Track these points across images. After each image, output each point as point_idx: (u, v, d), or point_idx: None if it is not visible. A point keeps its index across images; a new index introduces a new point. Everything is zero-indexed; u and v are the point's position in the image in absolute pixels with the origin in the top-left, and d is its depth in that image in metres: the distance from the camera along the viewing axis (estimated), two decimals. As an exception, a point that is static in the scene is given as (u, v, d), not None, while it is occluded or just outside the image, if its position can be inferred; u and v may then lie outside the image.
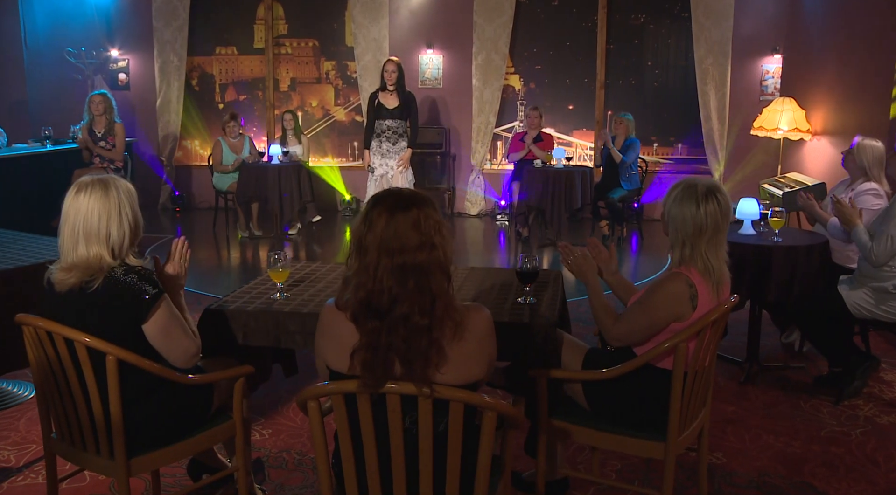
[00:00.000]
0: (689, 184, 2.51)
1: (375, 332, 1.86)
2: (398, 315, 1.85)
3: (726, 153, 9.04)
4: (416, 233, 1.85)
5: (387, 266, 1.85)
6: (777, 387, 4.15)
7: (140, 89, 10.02)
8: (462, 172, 9.79)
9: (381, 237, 1.85)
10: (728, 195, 2.54)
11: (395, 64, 6.91)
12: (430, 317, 1.86)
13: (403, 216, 1.86)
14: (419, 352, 1.85)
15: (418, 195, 1.93)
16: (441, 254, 1.88)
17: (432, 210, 1.91)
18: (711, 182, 2.53)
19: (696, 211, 2.45)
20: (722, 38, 8.78)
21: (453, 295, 1.93)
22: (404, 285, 1.85)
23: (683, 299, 2.46)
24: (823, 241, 4.13)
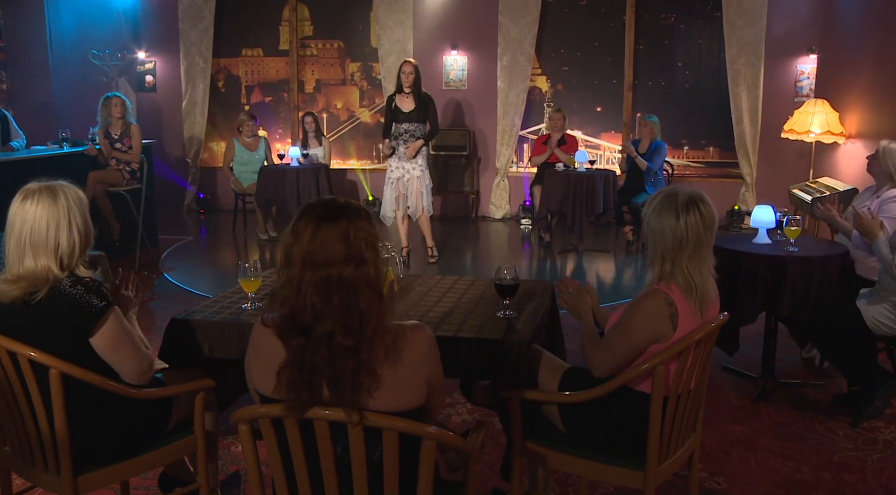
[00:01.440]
0: (668, 194, 2.32)
1: (300, 350, 1.73)
2: (321, 332, 1.72)
3: (758, 156, 8.72)
4: (344, 246, 1.71)
5: (310, 280, 1.71)
6: (792, 406, 3.92)
7: (166, 91, 10.06)
8: (486, 175, 9.63)
9: (306, 249, 1.72)
10: (712, 206, 2.34)
11: (412, 65, 6.76)
12: (358, 337, 1.72)
13: (330, 227, 1.72)
14: (346, 375, 1.71)
15: (351, 206, 1.78)
16: (371, 270, 1.73)
17: (365, 223, 1.77)
18: (694, 192, 2.34)
19: (676, 223, 2.27)
20: (755, 38, 8.48)
21: (387, 314, 1.78)
22: (328, 301, 1.71)
23: (662, 318, 2.28)
24: (843, 252, 3.89)
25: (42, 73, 8.40)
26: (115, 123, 6.71)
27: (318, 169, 7.85)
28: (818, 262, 3.77)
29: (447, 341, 2.48)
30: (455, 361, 2.50)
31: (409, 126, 6.75)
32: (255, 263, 2.88)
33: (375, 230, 1.79)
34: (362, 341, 1.72)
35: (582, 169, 7.47)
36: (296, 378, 1.71)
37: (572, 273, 7.05)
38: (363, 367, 1.72)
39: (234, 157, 8.26)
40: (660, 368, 2.22)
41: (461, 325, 2.60)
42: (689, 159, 9.20)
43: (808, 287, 3.77)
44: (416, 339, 1.80)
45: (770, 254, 3.82)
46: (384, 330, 1.75)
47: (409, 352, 1.78)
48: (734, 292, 3.88)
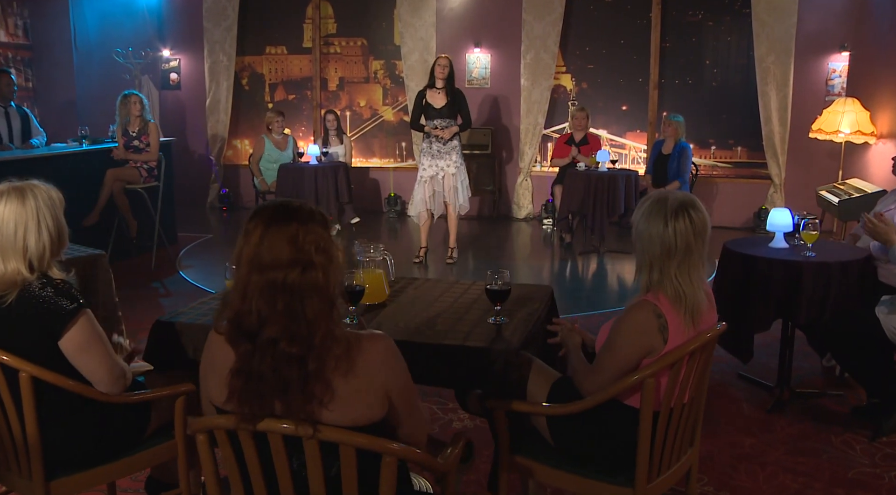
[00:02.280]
0: (658, 199, 2.20)
1: (248, 356, 1.65)
2: (266, 339, 1.64)
3: (787, 157, 8.49)
4: (291, 249, 1.63)
5: (256, 283, 1.63)
6: (808, 418, 3.76)
7: (191, 89, 10.11)
8: (510, 175, 9.51)
9: (253, 251, 1.65)
10: (704, 212, 2.22)
11: (447, 59, 6.63)
12: (305, 345, 1.63)
13: (279, 229, 1.64)
14: (293, 384, 1.63)
15: (304, 209, 1.70)
16: (320, 275, 1.65)
17: (319, 227, 1.68)
18: (685, 197, 2.21)
19: (665, 229, 2.15)
20: (785, 35, 8.24)
21: (338, 322, 1.69)
22: (273, 306, 1.63)
23: (651, 331, 2.16)
24: (863, 257, 3.71)
25: (66, 72, 8.48)
26: (133, 121, 6.73)
27: (337, 167, 7.81)
28: (836, 268, 3.61)
29: (429, 348, 2.40)
30: (439, 369, 2.42)
31: (441, 122, 6.62)
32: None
33: (330, 235, 1.70)
34: (311, 349, 1.63)
35: (603, 168, 7.32)
36: (243, 387, 1.64)
37: (593, 274, 6.91)
38: (312, 377, 1.64)
39: (264, 155, 8.25)
40: (649, 381, 2.10)
41: (447, 332, 2.50)
42: (716, 159, 8.99)
43: (825, 294, 3.61)
44: (373, 349, 1.71)
45: (785, 260, 3.66)
46: (334, 338, 1.66)
47: (365, 362, 1.69)
48: (748, 298, 3.74)
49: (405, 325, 2.59)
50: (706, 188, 8.85)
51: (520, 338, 2.47)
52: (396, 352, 1.76)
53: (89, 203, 6.47)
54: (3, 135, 6.59)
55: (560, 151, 8.08)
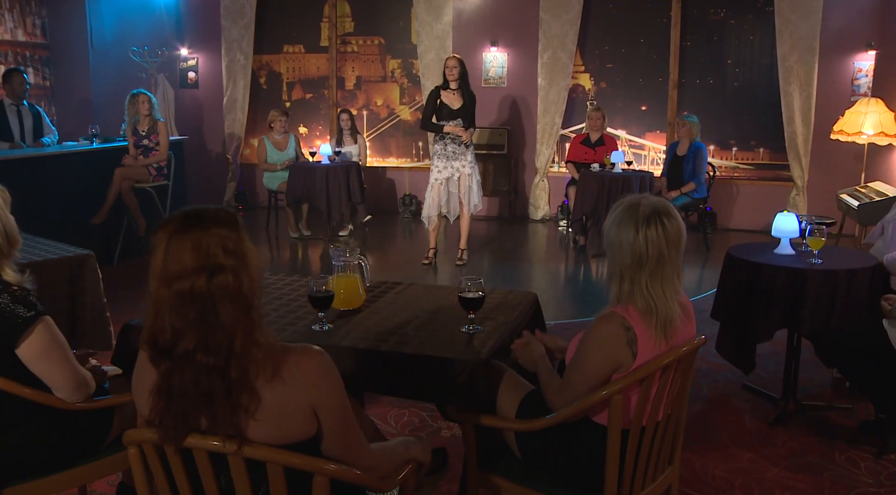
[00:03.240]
0: (630, 204, 2.08)
1: (168, 374, 1.58)
2: (182, 352, 1.56)
3: (811, 159, 8.25)
4: (195, 256, 1.54)
5: (165, 297, 1.55)
6: (812, 432, 3.60)
7: (208, 88, 10.12)
8: (526, 175, 9.38)
9: (160, 265, 1.56)
10: (679, 219, 2.09)
11: (456, 59, 6.51)
12: (224, 354, 1.55)
13: (181, 238, 1.55)
14: (218, 397, 1.55)
15: (208, 213, 1.60)
16: (230, 279, 1.55)
17: (225, 229, 1.58)
18: (658, 203, 2.09)
19: (635, 237, 2.03)
20: (809, 33, 8.01)
21: (260, 326, 1.60)
22: (185, 317, 1.54)
23: (619, 345, 2.04)
24: (872, 265, 3.55)
25: (83, 71, 8.52)
26: (142, 120, 6.73)
27: (349, 167, 7.74)
28: (843, 276, 3.45)
29: (393, 357, 2.31)
30: (402, 380, 2.33)
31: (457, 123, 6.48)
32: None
33: (239, 235, 1.60)
34: (231, 357, 1.55)
35: (618, 170, 7.17)
36: (165, 407, 1.56)
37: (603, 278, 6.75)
38: (235, 385, 1.55)
39: (266, 157, 8.20)
40: (616, 398, 1.99)
41: (414, 340, 2.41)
42: (737, 161, 8.78)
43: (831, 303, 3.45)
44: (303, 364, 1.62)
45: (790, 267, 3.51)
46: (255, 343, 1.57)
47: (294, 376, 1.60)
48: (750, 306, 3.60)
49: (373, 332, 2.50)
50: (726, 190, 8.65)
51: (491, 348, 2.36)
52: (330, 369, 1.66)
53: (98, 201, 6.48)
54: (15, 134, 6.63)
55: (575, 150, 7.93)
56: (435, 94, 6.51)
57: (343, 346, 2.39)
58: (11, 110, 6.64)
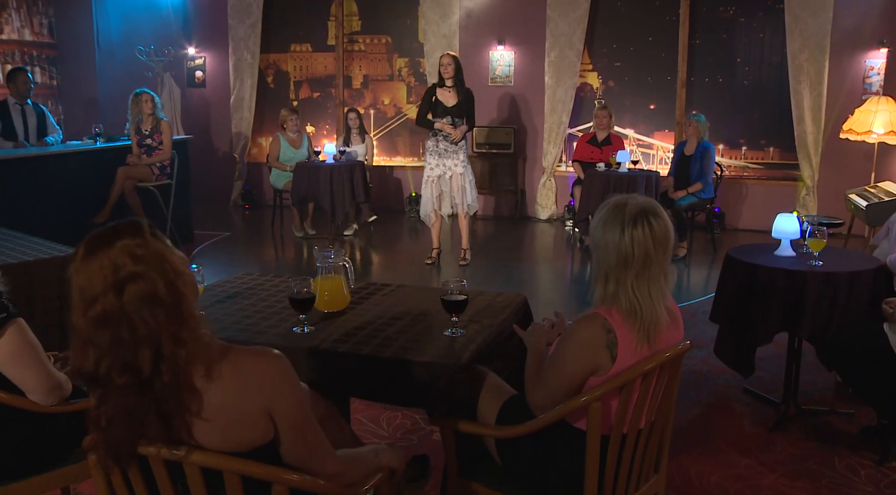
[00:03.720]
0: (616, 204, 2.02)
1: (97, 404, 1.55)
2: (104, 378, 1.52)
3: (821, 158, 8.14)
4: (103, 275, 1.49)
5: (82, 326, 1.51)
6: (812, 437, 3.52)
7: (215, 86, 10.12)
8: (533, 174, 9.32)
9: (77, 296, 1.52)
10: (667, 219, 2.03)
11: (450, 57, 6.49)
12: (149, 365, 1.50)
13: (89, 262, 1.50)
14: (149, 415, 1.51)
15: (110, 231, 1.54)
16: (142, 285, 1.49)
17: (129, 239, 1.52)
18: (646, 202, 2.03)
19: (621, 237, 1.97)
20: (819, 31, 7.89)
21: (189, 325, 1.54)
22: (101, 343, 1.50)
23: (597, 347, 1.99)
24: (874, 268, 3.47)
25: (89, 70, 8.54)
26: (145, 119, 6.73)
27: (354, 166, 7.70)
28: (844, 279, 3.37)
29: (371, 361, 2.26)
30: (380, 384, 2.28)
31: (450, 121, 6.48)
32: (199, 268, 2.71)
33: (145, 240, 1.54)
34: (160, 362, 1.50)
35: (624, 169, 7.09)
36: (100, 437, 1.54)
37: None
38: (170, 390, 1.51)
39: (280, 154, 8.18)
40: (595, 405, 1.93)
41: (394, 344, 2.36)
42: (747, 160, 8.67)
43: (831, 306, 3.38)
44: (258, 366, 1.57)
45: (789, 269, 3.43)
46: (182, 343, 1.52)
47: (246, 378, 1.55)
48: (749, 309, 3.53)
49: (354, 335, 2.45)
50: (735, 190, 8.55)
51: (473, 352, 2.31)
52: (287, 373, 1.61)
53: (101, 200, 6.48)
54: (19, 133, 6.64)
55: (582, 149, 7.86)
56: (430, 91, 6.52)
57: (321, 349, 2.35)
58: (16, 109, 6.65)
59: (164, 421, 1.51)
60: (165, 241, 1.62)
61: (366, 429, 3.56)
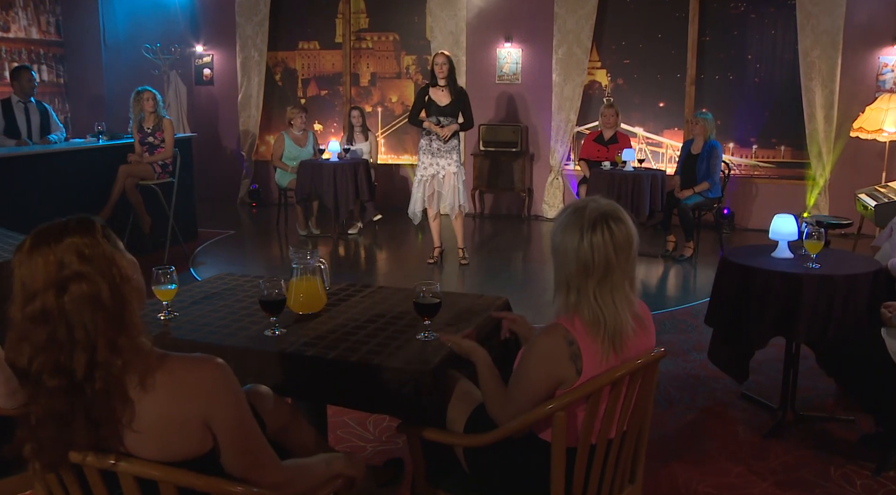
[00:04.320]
0: (576, 208, 1.94)
1: (29, 401, 1.50)
2: (35, 377, 1.47)
3: (833, 157, 7.99)
4: (47, 271, 1.45)
5: (18, 321, 1.47)
6: (809, 444, 3.42)
7: (223, 84, 10.11)
8: (540, 173, 9.22)
9: (18, 286, 1.47)
10: (630, 223, 1.94)
11: (444, 57, 6.47)
12: (83, 370, 1.45)
13: (34, 256, 1.47)
14: (76, 421, 1.46)
15: (58, 226, 1.50)
16: (85, 286, 1.45)
17: (79, 237, 1.48)
18: (608, 206, 1.94)
19: (580, 243, 1.89)
20: (832, 27, 7.74)
21: (128, 332, 1.50)
22: (36, 341, 1.46)
23: (561, 359, 1.91)
24: (874, 271, 3.36)
25: (96, 68, 8.55)
26: (147, 117, 6.71)
27: (357, 164, 7.65)
28: (841, 282, 3.27)
29: (336, 365, 2.20)
30: (346, 389, 2.22)
31: (444, 120, 6.48)
32: (170, 269, 2.66)
33: (96, 240, 1.50)
34: (95, 369, 1.45)
35: (629, 168, 6.99)
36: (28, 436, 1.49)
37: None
38: (101, 398, 1.46)
39: (284, 152, 8.16)
40: (559, 415, 1.86)
41: (362, 348, 2.30)
42: (758, 159, 8.54)
43: (828, 310, 3.27)
44: (195, 374, 1.52)
45: (784, 272, 3.33)
46: (119, 351, 1.47)
47: (181, 386, 1.50)
48: (743, 313, 3.44)
49: (325, 338, 2.39)
50: (745, 189, 8.43)
51: (444, 357, 2.24)
52: (227, 382, 1.56)
53: (104, 198, 6.46)
54: (23, 131, 6.65)
55: (588, 148, 7.76)
56: (423, 90, 6.53)
57: (288, 353, 2.29)
58: (19, 107, 6.66)
59: (93, 428, 1.46)
60: (117, 244, 1.58)
61: (352, 432, 3.50)
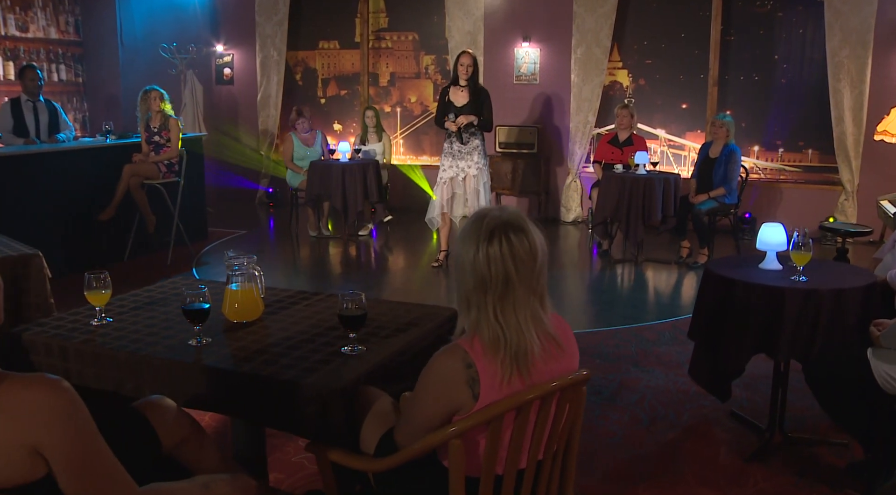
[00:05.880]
0: (477, 217, 1.79)
1: None
2: None
3: (862, 161, 7.64)
4: None
5: None
6: (793, 471, 3.20)
7: (243, 84, 10.11)
8: (558, 175, 9.02)
9: None
10: (534, 234, 1.77)
11: (471, 57, 6.29)
12: None
13: None
14: None
15: None
16: None
17: None
18: (510, 216, 1.78)
19: (475, 255, 1.73)
20: (862, 26, 7.40)
21: None
22: None
23: (457, 384, 1.75)
24: (865, 285, 3.12)
25: (113, 68, 8.60)
26: (154, 117, 6.70)
27: (367, 164, 7.55)
28: (828, 297, 3.04)
29: (247, 380, 2.09)
30: (254, 405, 2.10)
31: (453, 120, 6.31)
32: (104, 273, 2.57)
33: None
34: None
35: (642, 171, 6.76)
36: None
37: (622, 286, 6.37)
38: None
39: (293, 153, 8.11)
40: (454, 443, 1.71)
41: (279, 361, 2.17)
42: (784, 163, 8.22)
43: (813, 327, 3.05)
44: (22, 397, 1.41)
45: (766, 284, 3.12)
46: None
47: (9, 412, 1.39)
48: (723, 328, 3.23)
49: (246, 350, 2.27)
50: (768, 193, 8.12)
51: (361, 373, 2.11)
52: (65, 406, 1.44)
53: (109, 197, 6.47)
54: (31, 130, 6.69)
55: (603, 150, 7.54)
56: (444, 91, 6.36)
57: (203, 365, 2.18)
58: (27, 106, 6.70)
59: None
60: None
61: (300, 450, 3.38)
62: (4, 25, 7.95)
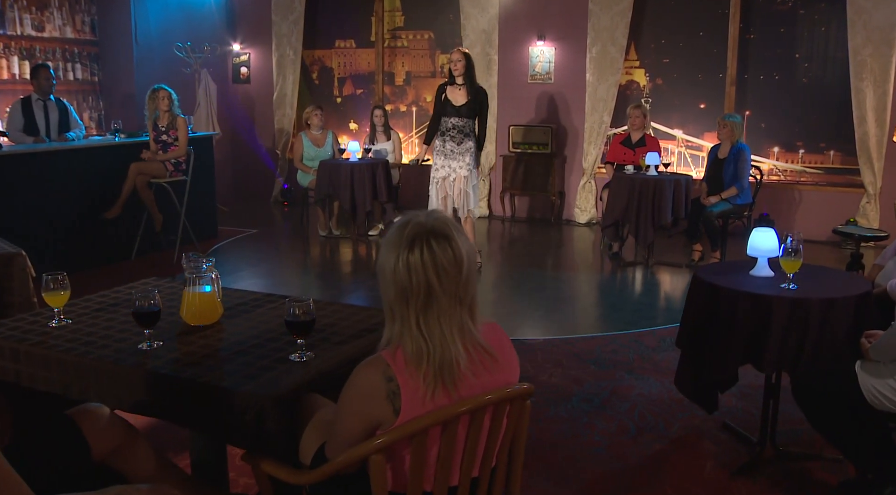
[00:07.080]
0: (401, 223, 1.71)
1: None
2: None
3: (885, 162, 7.40)
4: None
5: None
6: (781, 488, 3.06)
7: (259, 83, 10.13)
8: (572, 176, 8.89)
9: None
10: (460, 243, 1.68)
11: (461, 53, 6.23)
12: None
13: None
14: None
15: None
16: None
17: None
18: (435, 223, 1.69)
19: (396, 263, 1.65)
20: (885, 23, 7.17)
21: None
22: None
23: (376, 399, 1.67)
24: (855, 295, 2.97)
25: (128, 66, 8.65)
26: (162, 116, 6.71)
27: (376, 164, 7.50)
28: (817, 306, 2.91)
29: (184, 386, 2.03)
30: (193, 412, 2.05)
31: (458, 121, 6.24)
32: (61, 274, 2.53)
33: None
34: None
35: (652, 173, 6.61)
36: None
37: (631, 289, 6.23)
38: None
39: (303, 153, 8.09)
40: (374, 459, 1.63)
41: (221, 367, 2.11)
42: (804, 164, 8.00)
43: (802, 337, 2.92)
44: None
45: (753, 293, 2.99)
46: None
47: None
48: (708, 337, 3.11)
49: (192, 355, 2.22)
50: (787, 196, 7.92)
51: (303, 381, 2.04)
52: None
53: (116, 195, 6.49)
54: (41, 128, 6.73)
55: (615, 151, 7.41)
56: (440, 89, 6.28)
57: (145, 370, 2.13)
58: (38, 105, 6.75)
59: None
60: None
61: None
62: (21, 25, 8.04)
